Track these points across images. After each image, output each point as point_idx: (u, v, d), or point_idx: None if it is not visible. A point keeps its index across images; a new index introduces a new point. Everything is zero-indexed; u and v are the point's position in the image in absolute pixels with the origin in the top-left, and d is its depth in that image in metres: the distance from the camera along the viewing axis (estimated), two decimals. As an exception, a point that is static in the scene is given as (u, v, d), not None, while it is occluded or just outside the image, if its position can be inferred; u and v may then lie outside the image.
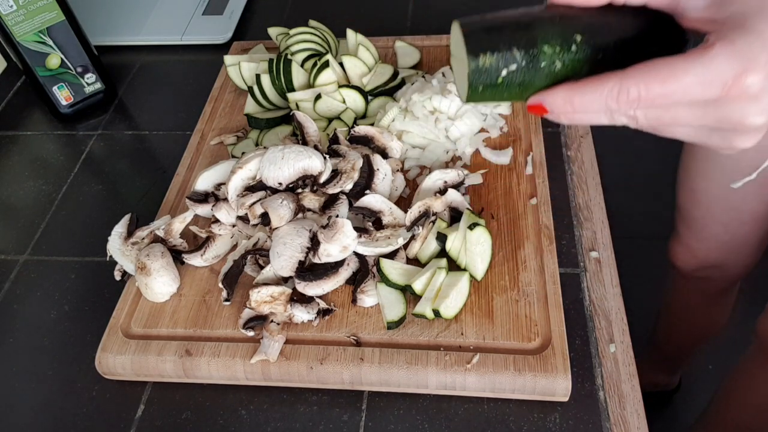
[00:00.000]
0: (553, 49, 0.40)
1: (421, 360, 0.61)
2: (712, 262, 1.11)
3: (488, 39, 0.40)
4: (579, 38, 0.40)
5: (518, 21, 0.41)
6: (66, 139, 0.95)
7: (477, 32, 0.40)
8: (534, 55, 0.40)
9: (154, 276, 0.67)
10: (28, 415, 0.65)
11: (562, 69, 0.40)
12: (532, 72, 0.40)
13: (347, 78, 0.87)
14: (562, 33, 0.40)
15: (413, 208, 0.68)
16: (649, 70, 0.36)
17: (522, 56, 0.40)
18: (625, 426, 0.59)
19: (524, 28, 0.40)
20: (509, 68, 0.40)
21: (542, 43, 0.40)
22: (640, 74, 0.36)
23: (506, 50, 0.40)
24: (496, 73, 0.40)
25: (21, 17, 0.86)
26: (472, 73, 0.40)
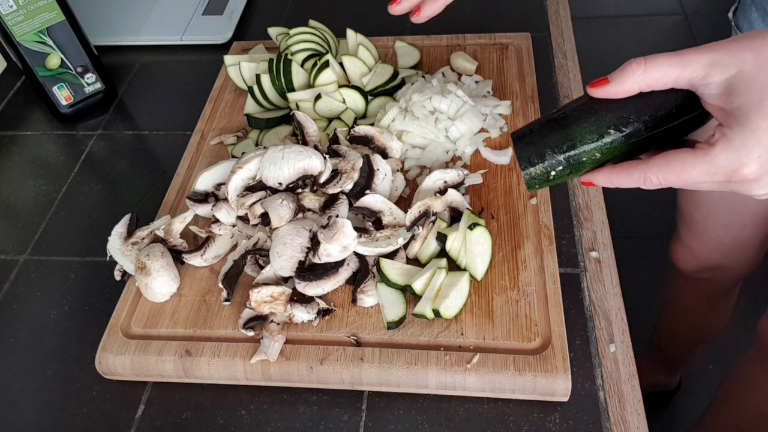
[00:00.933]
0: (591, 146, 0.48)
1: (421, 360, 0.61)
2: (714, 264, 1.11)
3: (534, 152, 0.49)
4: (612, 132, 0.48)
5: (557, 125, 0.49)
6: (66, 139, 0.95)
7: (524, 149, 0.50)
8: (575, 155, 0.49)
9: (154, 276, 0.67)
10: (28, 415, 0.65)
11: (602, 157, 0.49)
12: (577, 166, 0.49)
13: (347, 78, 0.87)
14: (596, 130, 0.48)
15: (413, 208, 0.68)
16: (665, 165, 0.45)
17: (565, 158, 0.49)
18: (625, 426, 0.59)
19: (562, 133, 0.49)
20: (557, 170, 0.50)
21: (580, 144, 0.48)
22: (658, 168, 0.45)
23: (550, 158, 0.49)
24: (546, 175, 0.50)
25: (21, 17, 0.86)
26: (528, 181, 0.50)
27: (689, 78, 0.45)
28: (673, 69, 0.45)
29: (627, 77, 0.46)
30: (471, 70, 0.88)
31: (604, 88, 0.47)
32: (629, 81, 0.46)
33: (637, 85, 0.46)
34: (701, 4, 2.65)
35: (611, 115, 0.48)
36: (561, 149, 0.49)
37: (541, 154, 0.49)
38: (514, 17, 1.03)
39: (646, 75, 0.46)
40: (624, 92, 0.47)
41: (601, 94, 0.48)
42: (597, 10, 2.67)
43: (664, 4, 2.66)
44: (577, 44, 0.96)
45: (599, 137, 0.48)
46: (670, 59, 0.45)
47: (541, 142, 0.49)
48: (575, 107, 0.50)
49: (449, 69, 0.89)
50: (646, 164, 0.46)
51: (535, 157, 0.49)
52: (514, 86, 0.86)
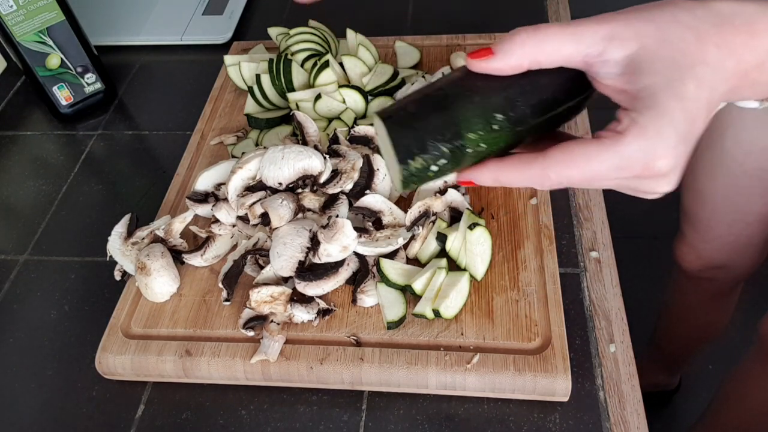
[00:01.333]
0: (477, 134, 0.40)
1: (421, 360, 0.61)
2: (717, 263, 1.11)
3: (415, 140, 0.40)
4: (499, 117, 0.40)
5: (438, 103, 0.40)
6: (66, 139, 0.95)
7: (403, 135, 0.40)
8: (460, 145, 0.40)
9: (154, 276, 0.67)
10: (28, 415, 0.65)
11: (486, 148, 0.41)
12: (459, 160, 0.41)
13: (347, 78, 0.87)
14: (482, 116, 0.40)
15: (413, 208, 0.68)
16: (566, 159, 0.38)
17: (449, 149, 0.40)
18: (625, 426, 0.59)
19: (446, 117, 0.40)
20: (438, 163, 0.41)
21: (466, 132, 0.40)
22: (558, 163, 0.38)
23: (433, 150, 0.40)
24: (426, 170, 0.41)
25: (21, 17, 0.86)
26: (405, 177, 0.41)
27: (584, 54, 0.38)
28: (566, 43, 0.38)
29: (515, 49, 0.39)
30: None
31: (488, 61, 0.39)
32: (516, 55, 0.39)
33: (526, 60, 0.39)
34: (701, 4, 2.64)
35: (497, 96, 0.40)
36: (444, 136, 0.40)
37: (421, 142, 0.40)
38: (514, 17, 1.03)
39: (536, 48, 0.39)
40: (509, 69, 0.40)
41: (484, 68, 0.40)
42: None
43: (664, 4, 2.66)
44: (577, 44, 0.96)
45: (485, 123, 0.40)
46: (564, 31, 0.38)
47: (419, 125, 0.40)
48: (454, 83, 0.41)
49: (449, 69, 0.89)
50: (544, 158, 0.39)
51: (414, 146, 0.40)
52: (514, 86, 0.86)
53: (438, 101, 0.41)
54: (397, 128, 0.41)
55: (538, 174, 0.39)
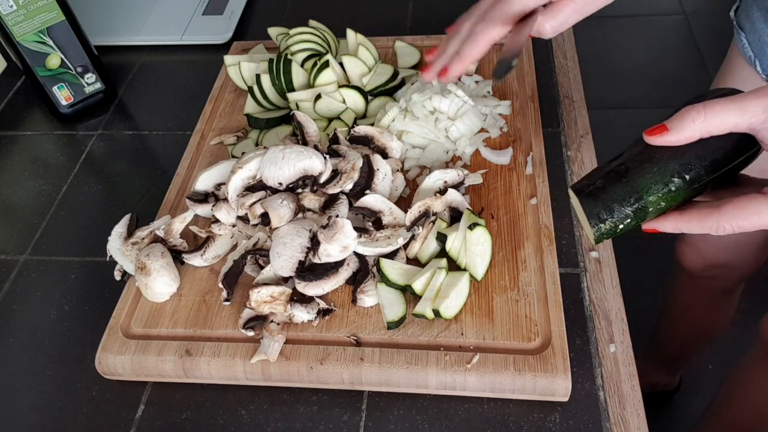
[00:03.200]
0: (656, 196, 0.49)
1: (421, 360, 0.61)
2: (719, 262, 1.11)
3: (603, 209, 0.50)
4: (677, 180, 0.48)
5: (621, 175, 0.49)
6: (66, 139, 0.95)
7: (594, 206, 0.50)
8: (642, 207, 0.49)
9: (154, 276, 0.67)
10: (28, 415, 0.65)
11: (665, 205, 0.49)
12: (643, 217, 0.50)
13: (347, 78, 0.87)
14: (661, 180, 0.48)
15: (413, 208, 0.68)
16: (739, 212, 0.46)
17: (632, 211, 0.49)
18: (625, 426, 0.59)
19: (628, 185, 0.49)
20: (625, 222, 0.50)
21: (647, 196, 0.49)
22: (732, 216, 0.46)
23: (619, 213, 0.50)
24: (615, 228, 0.51)
25: (21, 17, 0.86)
26: (597, 237, 0.51)
27: (749, 122, 0.45)
28: (732, 115, 0.45)
29: (687, 125, 0.46)
30: (471, 70, 0.88)
31: (664, 136, 0.47)
32: (689, 129, 0.46)
33: (697, 133, 0.46)
34: (701, 4, 2.65)
35: (673, 163, 0.48)
36: (628, 202, 0.49)
37: (609, 208, 0.50)
38: (514, 17, 1.03)
39: (706, 123, 0.46)
40: (684, 140, 0.47)
41: (660, 142, 0.48)
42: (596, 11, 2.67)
43: (664, 4, 2.66)
44: (577, 44, 0.96)
45: (664, 186, 0.48)
46: (729, 106, 0.45)
47: (606, 196, 0.50)
48: (634, 156, 0.50)
49: (449, 69, 0.89)
50: (719, 212, 0.47)
51: (603, 212, 0.50)
52: (514, 86, 0.86)
53: (620, 173, 0.50)
54: (588, 200, 0.50)
55: (714, 225, 0.47)
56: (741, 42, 0.87)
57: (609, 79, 2.37)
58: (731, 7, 0.91)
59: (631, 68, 2.41)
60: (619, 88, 2.35)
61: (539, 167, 0.75)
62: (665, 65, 2.42)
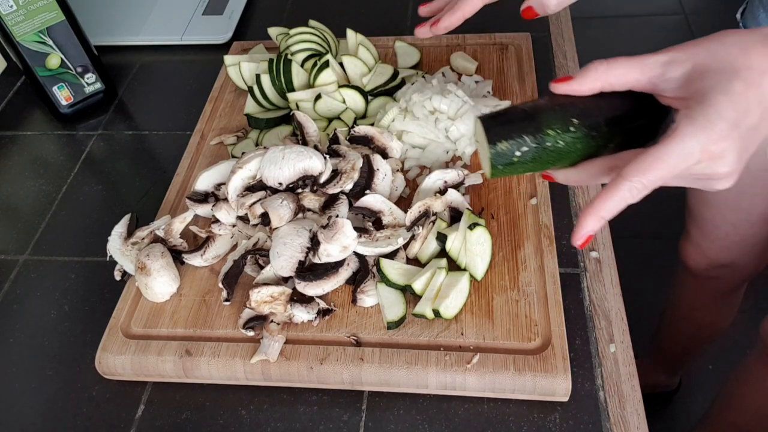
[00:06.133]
0: (555, 131, 0.50)
1: (421, 360, 0.61)
2: (723, 262, 1.11)
3: (503, 130, 0.50)
4: (575, 121, 0.50)
5: (526, 113, 0.51)
6: (66, 139, 0.95)
7: (494, 126, 0.51)
8: (540, 138, 0.50)
9: (154, 276, 0.67)
10: (28, 415, 0.65)
11: (564, 146, 0.50)
12: (540, 151, 0.50)
13: (347, 78, 0.87)
14: (561, 118, 0.50)
15: (413, 208, 0.68)
16: (640, 163, 0.44)
17: (531, 140, 0.50)
18: (625, 426, 0.59)
19: (531, 118, 0.50)
20: (521, 150, 0.50)
21: (545, 128, 0.50)
22: (635, 170, 0.44)
23: (518, 137, 0.50)
24: (511, 154, 0.50)
25: (21, 17, 0.86)
26: (493, 157, 0.50)
27: (648, 77, 0.47)
28: (632, 69, 0.47)
29: (589, 74, 0.48)
30: (471, 70, 0.88)
31: (568, 84, 0.49)
32: (591, 78, 0.48)
33: (599, 83, 0.48)
34: (701, 4, 2.65)
35: (574, 108, 0.50)
36: (527, 131, 0.50)
37: (508, 132, 0.50)
38: (514, 17, 1.03)
39: (607, 74, 0.48)
40: (586, 90, 0.49)
41: (564, 90, 0.50)
42: (597, 10, 2.67)
43: (664, 4, 2.66)
44: (577, 44, 0.96)
45: (563, 123, 0.50)
46: (631, 62, 0.47)
47: (509, 123, 0.51)
48: (540, 101, 0.52)
49: (449, 69, 0.89)
50: (626, 172, 0.45)
51: (502, 133, 0.50)
52: (514, 86, 0.86)
53: (525, 111, 0.51)
54: (490, 123, 0.51)
55: (626, 186, 0.45)
56: None
57: (609, 79, 2.36)
58: (731, 7, 0.91)
59: (631, 68, 2.41)
60: (619, 88, 2.34)
61: (539, 167, 0.75)
62: (665, 65, 2.41)
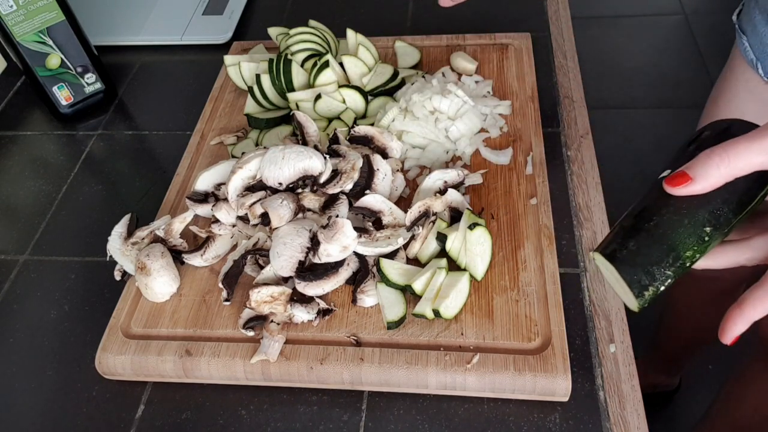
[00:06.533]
0: (693, 251, 0.47)
1: (421, 360, 0.61)
2: None
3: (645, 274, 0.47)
4: (708, 230, 0.47)
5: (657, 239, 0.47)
6: (66, 139, 0.95)
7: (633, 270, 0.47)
8: (681, 265, 0.47)
9: (154, 276, 0.67)
10: (28, 415, 0.65)
11: (699, 256, 0.48)
12: (680, 273, 0.48)
13: (347, 78, 0.87)
14: (694, 234, 0.47)
15: (413, 208, 0.68)
16: None
17: (672, 271, 0.47)
18: (625, 426, 0.59)
19: (665, 246, 0.47)
20: (666, 284, 0.48)
21: (683, 252, 0.47)
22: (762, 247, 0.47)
23: (660, 275, 0.47)
24: (657, 291, 0.48)
25: (21, 17, 0.86)
26: (642, 304, 0.48)
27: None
28: (756, 155, 0.43)
29: (711, 173, 0.44)
30: (471, 70, 0.88)
31: (689, 186, 0.45)
32: (714, 176, 0.44)
33: (722, 179, 0.44)
34: (701, 4, 2.65)
35: (702, 211, 0.47)
36: (667, 262, 0.47)
37: (649, 273, 0.47)
38: (514, 17, 1.03)
39: (730, 167, 0.44)
40: (709, 188, 0.45)
41: (685, 192, 0.46)
42: (597, 10, 2.67)
43: (664, 4, 2.66)
44: (577, 44, 0.96)
45: (697, 238, 0.47)
46: (752, 146, 0.43)
47: (643, 260, 0.47)
48: (658, 209, 0.48)
49: (449, 69, 0.89)
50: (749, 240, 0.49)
51: (645, 278, 0.47)
52: (514, 86, 0.86)
53: (652, 233, 0.47)
54: (627, 268, 0.48)
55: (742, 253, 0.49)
56: (743, 45, 0.87)
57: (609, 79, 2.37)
58: (731, 7, 0.91)
59: (631, 68, 2.41)
60: (619, 88, 2.35)
61: (539, 167, 0.75)
62: (665, 65, 2.42)
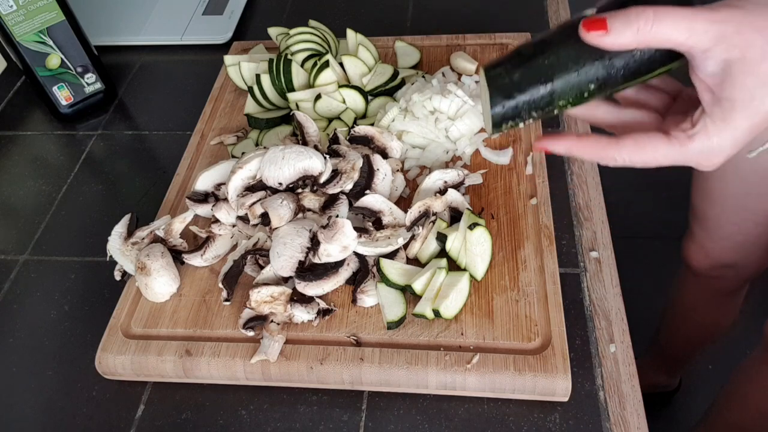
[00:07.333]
0: (567, 101, 0.45)
1: (421, 360, 0.61)
2: (726, 262, 1.11)
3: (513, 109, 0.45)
4: (593, 87, 0.44)
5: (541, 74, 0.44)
6: (66, 139, 0.95)
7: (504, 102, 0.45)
8: (549, 110, 0.45)
9: (154, 276, 0.67)
10: (28, 415, 0.65)
11: (570, 107, 0.46)
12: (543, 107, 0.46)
13: (347, 78, 0.87)
14: (578, 86, 0.44)
15: (413, 208, 0.68)
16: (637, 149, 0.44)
17: (538, 114, 0.46)
18: (625, 426, 0.59)
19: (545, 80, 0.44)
20: (526, 123, 0.47)
21: (559, 100, 0.45)
22: (629, 151, 0.44)
23: (527, 117, 0.46)
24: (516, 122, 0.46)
25: (21, 17, 0.86)
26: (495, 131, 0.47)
27: (691, 46, 0.40)
28: (679, 33, 0.40)
29: (629, 31, 0.40)
30: (471, 70, 0.88)
31: (601, 38, 0.41)
32: (630, 36, 0.41)
33: (635, 42, 0.41)
34: (701, 4, 2.64)
35: (596, 67, 0.43)
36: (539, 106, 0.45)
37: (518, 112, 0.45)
38: (514, 17, 1.03)
39: (651, 33, 0.40)
40: (620, 46, 0.41)
41: (595, 42, 0.42)
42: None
43: (664, 4, 2.66)
44: (577, 44, 0.96)
45: (579, 92, 0.44)
46: (680, 23, 0.40)
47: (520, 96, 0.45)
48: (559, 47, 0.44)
49: (449, 69, 0.89)
50: (617, 146, 0.45)
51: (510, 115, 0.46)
52: (514, 86, 0.86)
53: (539, 70, 0.44)
54: (500, 98, 0.45)
55: (610, 156, 0.45)
56: None
57: (609, 79, 2.36)
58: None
59: (631, 68, 2.41)
60: (619, 88, 2.34)
61: (539, 167, 0.75)
62: (665, 65, 2.41)
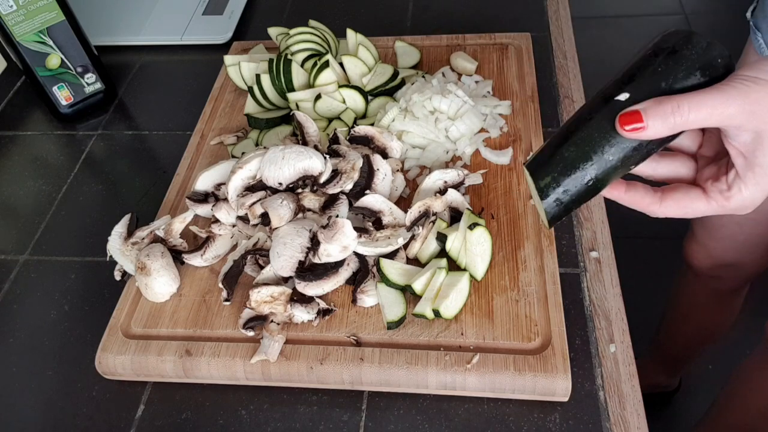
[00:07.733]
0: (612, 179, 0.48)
1: (421, 360, 0.61)
2: (728, 261, 1.11)
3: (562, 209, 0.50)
4: (632, 168, 0.48)
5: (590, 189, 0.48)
6: (66, 139, 0.95)
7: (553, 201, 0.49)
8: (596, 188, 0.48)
9: (154, 276, 0.67)
10: (28, 415, 0.65)
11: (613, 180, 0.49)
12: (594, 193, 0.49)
13: (347, 78, 0.87)
14: (619, 172, 0.47)
15: (413, 208, 0.68)
16: (678, 208, 0.48)
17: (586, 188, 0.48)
18: (625, 426, 0.59)
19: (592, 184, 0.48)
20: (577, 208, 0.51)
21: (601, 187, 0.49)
22: (670, 209, 0.49)
23: (574, 206, 0.50)
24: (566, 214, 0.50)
25: (21, 17, 0.86)
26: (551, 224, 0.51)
27: (726, 125, 0.43)
28: (714, 120, 0.42)
29: (665, 125, 0.43)
30: (471, 70, 0.88)
31: (639, 133, 0.44)
32: (667, 128, 0.43)
33: (672, 131, 0.43)
34: (701, 4, 2.65)
35: (635, 156, 0.46)
36: (587, 197, 0.49)
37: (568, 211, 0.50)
38: (514, 17, 1.03)
39: (686, 124, 0.43)
40: (657, 137, 0.44)
41: (633, 137, 0.44)
42: (597, 10, 2.67)
43: (664, 4, 2.66)
44: (577, 44, 0.96)
45: (617, 176, 0.48)
46: (713, 112, 0.42)
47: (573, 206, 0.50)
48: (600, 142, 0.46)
49: (449, 69, 0.89)
50: (661, 205, 0.49)
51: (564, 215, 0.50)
52: (514, 86, 0.86)
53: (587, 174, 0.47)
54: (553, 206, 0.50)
55: (652, 210, 0.50)
56: (757, 42, 0.87)
57: (609, 79, 2.37)
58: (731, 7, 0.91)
59: (631, 68, 2.41)
60: (619, 88, 2.34)
61: (539, 167, 0.75)
62: (665, 65, 2.41)
